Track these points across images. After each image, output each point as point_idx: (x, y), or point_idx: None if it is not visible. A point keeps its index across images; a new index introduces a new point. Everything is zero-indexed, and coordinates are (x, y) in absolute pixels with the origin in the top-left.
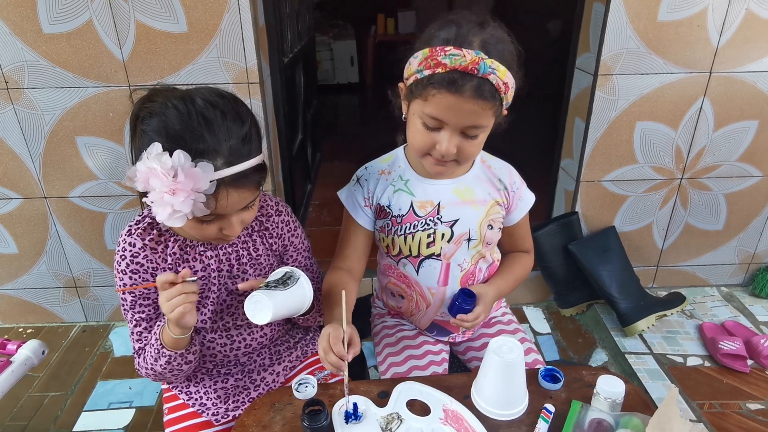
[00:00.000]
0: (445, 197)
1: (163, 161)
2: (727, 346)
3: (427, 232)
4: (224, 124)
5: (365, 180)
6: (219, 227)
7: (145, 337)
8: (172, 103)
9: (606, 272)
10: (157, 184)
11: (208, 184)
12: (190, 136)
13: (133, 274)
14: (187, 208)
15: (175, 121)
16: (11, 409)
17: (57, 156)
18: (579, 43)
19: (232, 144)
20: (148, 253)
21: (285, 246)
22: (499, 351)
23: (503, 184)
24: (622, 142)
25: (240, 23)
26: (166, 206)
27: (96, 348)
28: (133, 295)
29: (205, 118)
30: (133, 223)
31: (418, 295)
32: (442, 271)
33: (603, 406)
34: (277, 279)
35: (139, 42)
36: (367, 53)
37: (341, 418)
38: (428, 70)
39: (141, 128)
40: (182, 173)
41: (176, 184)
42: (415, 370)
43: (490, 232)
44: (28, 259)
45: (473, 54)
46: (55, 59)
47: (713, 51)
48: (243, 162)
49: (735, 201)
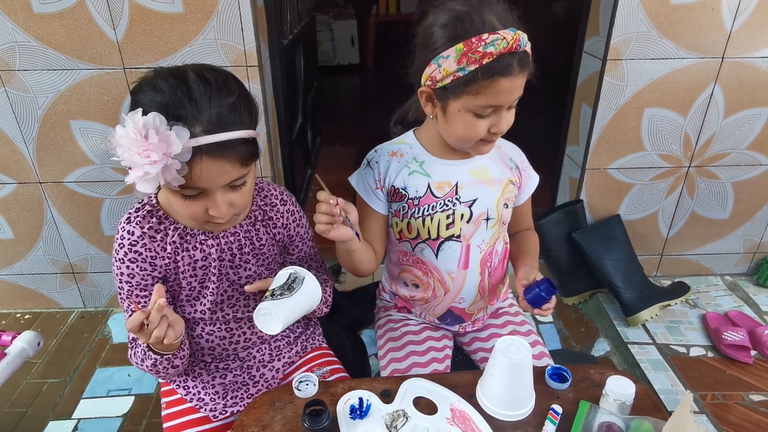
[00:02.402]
0: (462, 177)
1: (136, 120)
2: (731, 337)
3: (446, 213)
4: (207, 93)
5: (376, 162)
6: (205, 206)
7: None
8: (164, 74)
9: (610, 261)
10: (129, 144)
11: (180, 148)
12: (172, 102)
13: (131, 263)
14: (156, 170)
15: (163, 90)
16: (10, 396)
17: (51, 140)
18: (588, 26)
19: (214, 113)
20: (147, 241)
21: (291, 236)
22: (507, 351)
23: (514, 163)
24: (629, 129)
25: (238, 3)
26: (137, 168)
27: (94, 334)
28: (130, 285)
29: (189, 87)
30: (132, 210)
31: (436, 282)
32: (462, 253)
33: (612, 407)
34: (282, 285)
35: (134, 23)
36: (368, 33)
37: (346, 413)
38: (473, 64)
39: (133, 98)
40: (155, 135)
41: (148, 145)
42: (415, 367)
43: (505, 211)
44: (24, 244)
45: (510, 32)
46: (47, 40)
47: (726, 36)
48: (224, 132)
49: (743, 189)
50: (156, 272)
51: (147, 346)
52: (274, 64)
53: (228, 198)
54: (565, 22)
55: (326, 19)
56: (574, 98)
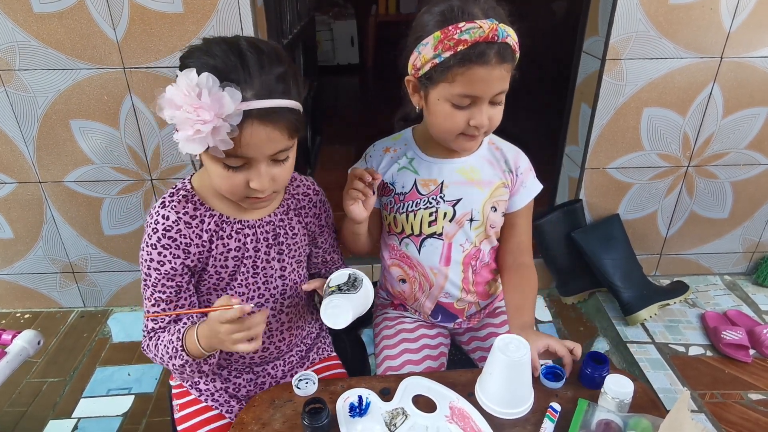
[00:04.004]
0: (449, 176)
1: (190, 78)
2: (730, 336)
3: (429, 210)
4: (260, 59)
5: (370, 156)
6: (246, 179)
7: (162, 319)
8: (216, 41)
9: (609, 261)
10: (180, 101)
11: (232, 109)
12: (224, 66)
13: (165, 249)
14: (207, 129)
15: (215, 54)
16: (10, 395)
17: (51, 140)
18: (587, 25)
19: (265, 79)
20: (182, 227)
21: (321, 227)
22: (506, 349)
23: (509, 167)
24: (628, 129)
25: (237, 3)
26: (188, 127)
27: (94, 334)
28: (158, 273)
29: (241, 53)
30: (167, 194)
31: (420, 276)
32: (444, 250)
33: (610, 405)
34: (347, 282)
35: (133, 22)
36: (367, 33)
37: (346, 411)
38: (448, 51)
39: (183, 63)
40: (208, 95)
41: (200, 104)
42: (408, 364)
43: (493, 214)
44: (24, 244)
45: (488, 22)
46: (46, 40)
47: (725, 35)
48: (274, 98)
49: (741, 189)
50: (189, 260)
51: (182, 344)
52: None
53: (271, 172)
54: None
55: (326, 19)
56: (574, 98)
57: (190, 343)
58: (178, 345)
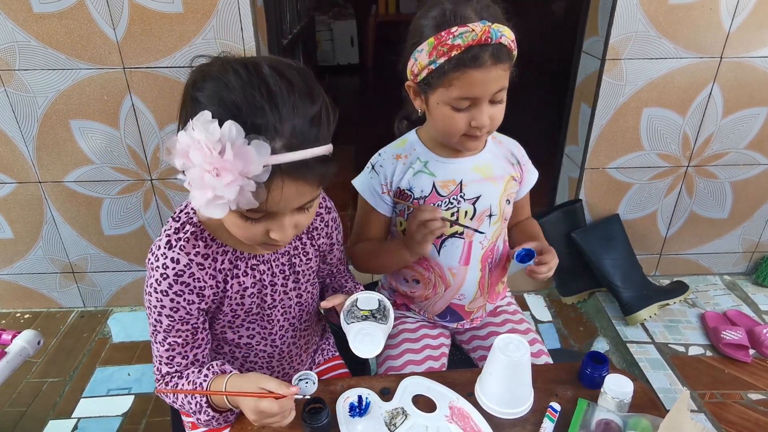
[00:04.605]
0: (466, 175)
1: (211, 131)
2: (730, 336)
3: (450, 210)
4: (291, 98)
5: (380, 166)
6: (266, 229)
7: (178, 363)
8: (233, 67)
9: (609, 261)
10: (199, 160)
11: (261, 168)
12: (248, 106)
13: (177, 296)
14: (232, 194)
15: (234, 87)
16: (10, 395)
17: (51, 140)
18: (587, 26)
19: (297, 124)
20: (195, 270)
21: (332, 244)
22: (506, 349)
23: (516, 158)
24: (628, 129)
25: (237, 3)
26: (207, 189)
27: (94, 334)
28: (172, 319)
29: (268, 88)
30: (171, 230)
31: (437, 277)
32: (464, 249)
33: (610, 405)
34: (378, 309)
35: (133, 22)
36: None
37: (346, 411)
38: (442, 57)
39: (192, 94)
40: (231, 150)
41: (222, 163)
42: (410, 364)
43: (507, 207)
44: (24, 244)
45: (480, 25)
46: (46, 40)
47: (725, 35)
48: (307, 148)
49: (741, 189)
50: (203, 303)
51: (207, 401)
52: None
53: (295, 220)
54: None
55: (326, 19)
56: (573, 98)
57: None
58: (203, 401)
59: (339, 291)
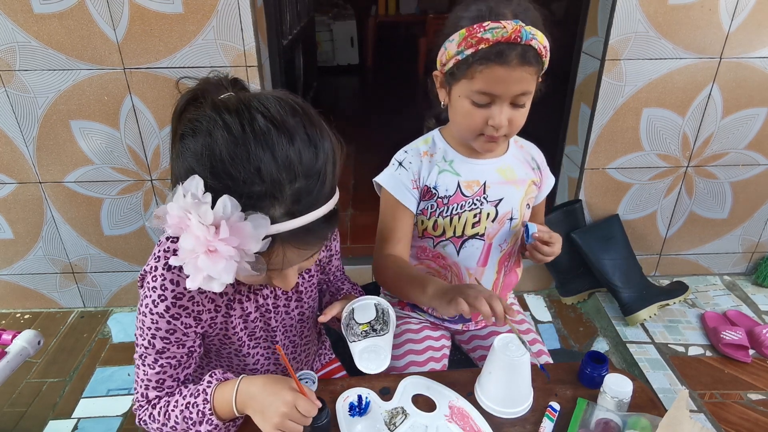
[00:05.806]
0: (490, 177)
1: (203, 212)
2: (729, 336)
3: (473, 212)
4: (290, 156)
5: (409, 162)
6: (269, 276)
7: (169, 386)
8: (223, 119)
9: (609, 261)
10: (189, 242)
11: (260, 243)
12: (243, 172)
13: (174, 319)
14: (229, 277)
15: (224, 146)
16: (10, 395)
17: (51, 140)
18: (586, 26)
19: (299, 187)
20: (195, 294)
21: (331, 256)
22: (505, 349)
23: (536, 163)
24: (628, 129)
25: (237, 4)
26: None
27: (94, 334)
28: (167, 341)
29: (264, 146)
30: (170, 252)
31: (453, 276)
32: (483, 251)
33: (610, 405)
34: (377, 319)
35: (134, 23)
36: (367, 34)
37: (345, 410)
38: (470, 48)
39: (180, 146)
40: (226, 227)
41: (217, 242)
42: (412, 365)
43: (527, 211)
44: (24, 244)
45: (513, 23)
46: (47, 40)
47: (724, 36)
48: (310, 212)
49: (741, 189)
50: (199, 327)
51: (211, 410)
52: (273, 65)
53: (298, 268)
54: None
55: (325, 19)
56: (573, 98)
57: (220, 403)
58: (206, 409)
59: (336, 295)
